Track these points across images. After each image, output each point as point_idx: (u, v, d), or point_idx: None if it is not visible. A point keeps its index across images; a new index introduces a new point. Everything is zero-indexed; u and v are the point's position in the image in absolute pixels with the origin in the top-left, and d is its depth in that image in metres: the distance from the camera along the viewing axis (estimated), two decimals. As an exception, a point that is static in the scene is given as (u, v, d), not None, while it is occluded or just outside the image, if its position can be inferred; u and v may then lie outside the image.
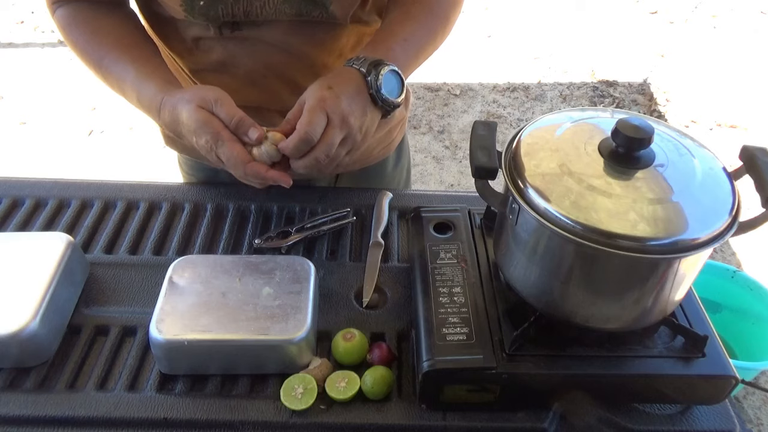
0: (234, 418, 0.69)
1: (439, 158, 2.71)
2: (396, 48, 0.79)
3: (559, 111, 0.73)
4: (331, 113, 0.70)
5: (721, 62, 3.33)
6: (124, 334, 0.78)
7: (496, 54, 3.38)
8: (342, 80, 0.73)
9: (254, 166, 0.72)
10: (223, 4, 0.78)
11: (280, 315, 0.73)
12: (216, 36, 0.83)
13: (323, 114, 0.69)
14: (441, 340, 0.69)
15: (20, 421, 0.69)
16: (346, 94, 0.71)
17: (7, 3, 3.81)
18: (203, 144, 0.72)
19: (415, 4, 0.85)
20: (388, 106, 0.76)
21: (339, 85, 0.72)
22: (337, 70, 0.76)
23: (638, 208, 0.59)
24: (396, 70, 0.76)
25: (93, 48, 0.82)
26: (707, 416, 0.71)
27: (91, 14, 0.83)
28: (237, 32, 0.83)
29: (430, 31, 0.83)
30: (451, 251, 0.80)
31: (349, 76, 0.74)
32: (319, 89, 0.71)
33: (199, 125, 0.71)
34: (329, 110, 0.70)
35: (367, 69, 0.74)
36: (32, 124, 2.90)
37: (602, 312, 0.67)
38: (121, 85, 0.81)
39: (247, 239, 0.91)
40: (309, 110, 0.69)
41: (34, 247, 0.80)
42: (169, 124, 0.76)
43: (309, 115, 0.69)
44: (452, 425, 0.69)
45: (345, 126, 0.71)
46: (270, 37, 0.84)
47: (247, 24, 0.82)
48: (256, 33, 0.83)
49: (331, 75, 0.75)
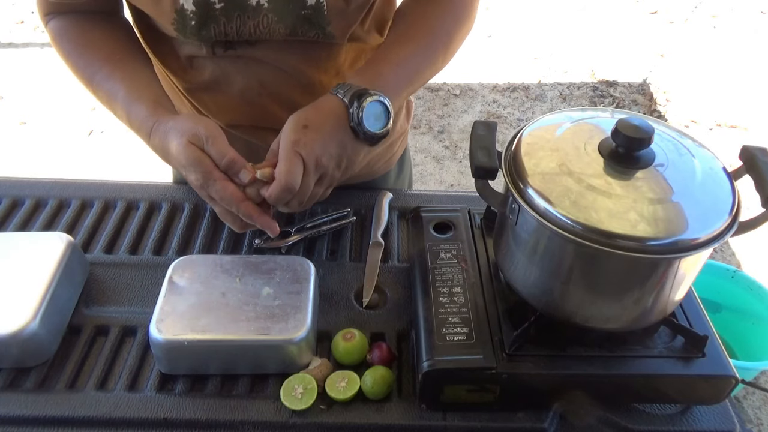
0: (234, 418, 0.69)
1: (439, 158, 2.71)
2: (387, 73, 0.76)
3: (559, 111, 0.73)
4: (306, 157, 0.69)
5: (721, 62, 3.33)
6: (124, 334, 0.78)
7: (496, 54, 3.38)
8: (320, 115, 0.71)
9: (248, 206, 0.71)
10: (215, 24, 0.76)
11: (280, 315, 0.73)
12: (209, 55, 0.81)
13: (299, 158, 0.68)
14: (441, 340, 0.69)
15: (20, 421, 0.69)
16: (321, 131, 0.70)
17: (7, 3, 3.81)
18: (193, 180, 0.71)
19: (416, 24, 0.81)
20: (371, 138, 0.74)
21: (315, 122, 0.70)
22: (319, 102, 0.74)
23: (638, 208, 0.59)
24: (382, 100, 0.72)
25: (85, 63, 0.80)
26: (707, 416, 0.71)
27: (83, 26, 0.82)
28: (230, 51, 0.81)
29: (430, 54, 0.80)
30: (451, 251, 0.80)
31: (330, 109, 0.72)
32: (294, 131, 0.70)
33: (190, 162, 0.69)
34: (303, 154, 0.69)
35: (349, 99, 0.71)
36: (32, 124, 2.91)
37: (602, 312, 0.67)
38: (111, 104, 0.79)
39: (247, 239, 0.91)
40: (285, 157, 0.68)
41: (34, 247, 0.80)
42: (158, 150, 0.74)
43: (286, 163, 0.68)
44: (452, 425, 0.69)
45: (319, 168, 0.70)
46: (264, 56, 0.81)
47: (240, 43, 0.80)
48: (249, 52, 0.81)
49: (311, 108, 0.73)
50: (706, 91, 3.12)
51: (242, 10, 0.74)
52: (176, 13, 0.74)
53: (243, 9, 0.74)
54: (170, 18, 0.75)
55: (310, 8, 0.75)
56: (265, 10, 0.75)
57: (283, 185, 0.68)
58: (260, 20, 0.75)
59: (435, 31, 0.81)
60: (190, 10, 0.74)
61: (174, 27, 0.76)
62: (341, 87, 0.74)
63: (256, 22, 0.76)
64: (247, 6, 0.74)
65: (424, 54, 0.80)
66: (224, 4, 0.74)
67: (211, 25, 0.76)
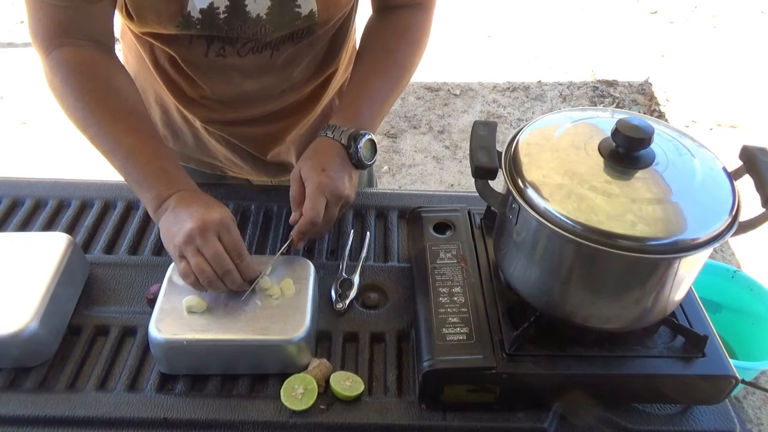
0: (234, 418, 0.69)
1: (439, 158, 2.71)
2: (364, 111, 0.87)
3: (559, 111, 0.73)
4: (329, 195, 0.79)
5: (721, 62, 3.33)
6: (124, 334, 0.78)
7: (496, 54, 3.38)
8: (329, 158, 0.82)
9: None
10: (218, 30, 0.79)
11: (279, 315, 0.73)
12: (201, 55, 0.83)
13: (323, 197, 0.79)
14: (441, 340, 0.69)
15: (20, 421, 0.69)
16: (336, 170, 0.81)
17: (7, 3, 3.81)
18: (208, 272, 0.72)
19: (380, 59, 0.91)
20: (366, 167, 0.87)
21: (329, 165, 0.81)
22: (320, 146, 0.84)
23: (638, 208, 0.59)
24: (370, 137, 0.85)
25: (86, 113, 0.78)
26: (707, 416, 0.71)
27: (103, 72, 0.80)
28: (219, 58, 0.84)
29: (396, 82, 0.91)
30: (451, 251, 0.80)
31: (334, 152, 0.83)
32: (316, 174, 0.79)
33: None
34: (327, 193, 0.79)
35: (347, 142, 0.83)
36: (32, 124, 2.90)
37: (602, 312, 0.67)
38: (110, 156, 0.78)
39: (247, 239, 0.91)
40: (311, 197, 0.78)
41: (34, 247, 0.80)
42: (164, 228, 0.75)
43: (312, 202, 0.78)
44: (452, 425, 0.69)
45: (341, 199, 0.81)
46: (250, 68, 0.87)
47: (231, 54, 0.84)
48: (239, 62, 0.85)
49: (319, 153, 0.83)
50: (706, 91, 3.12)
51: (243, 20, 0.79)
52: (183, 18, 0.77)
53: (244, 20, 0.79)
54: (176, 21, 0.77)
55: (303, 19, 0.82)
56: (263, 21, 0.80)
57: (308, 218, 0.77)
58: (258, 29, 0.81)
59: (398, 62, 0.92)
60: (195, 17, 0.77)
61: (178, 30, 0.78)
62: (331, 129, 0.85)
63: (255, 32, 0.81)
64: (248, 18, 0.79)
65: (391, 84, 0.91)
66: (228, 14, 0.78)
67: (213, 31, 0.80)
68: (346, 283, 0.84)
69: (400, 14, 0.93)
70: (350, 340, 0.78)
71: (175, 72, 0.88)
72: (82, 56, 0.79)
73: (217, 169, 1.07)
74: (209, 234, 0.71)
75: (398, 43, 0.92)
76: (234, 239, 0.73)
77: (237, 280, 0.73)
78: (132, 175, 0.77)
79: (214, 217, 0.72)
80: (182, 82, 0.89)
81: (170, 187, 0.77)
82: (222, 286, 0.72)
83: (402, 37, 0.93)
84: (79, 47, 0.79)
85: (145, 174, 0.77)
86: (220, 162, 1.05)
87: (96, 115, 0.77)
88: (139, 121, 0.80)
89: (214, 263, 0.71)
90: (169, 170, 0.79)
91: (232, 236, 0.73)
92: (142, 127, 0.80)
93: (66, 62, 0.78)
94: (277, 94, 0.93)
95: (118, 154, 0.77)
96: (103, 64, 0.80)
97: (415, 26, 0.94)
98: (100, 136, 0.78)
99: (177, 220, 0.73)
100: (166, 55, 0.86)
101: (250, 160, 1.03)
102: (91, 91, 0.78)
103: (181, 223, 0.72)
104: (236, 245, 0.73)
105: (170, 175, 0.78)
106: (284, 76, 0.91)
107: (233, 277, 0.72)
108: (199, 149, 1.03)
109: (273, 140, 1.00)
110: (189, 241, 0.71)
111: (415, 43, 0.93)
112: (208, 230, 0.71)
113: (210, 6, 0.76)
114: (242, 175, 1.09)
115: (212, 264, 0.71)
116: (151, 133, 0.81)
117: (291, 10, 0.80)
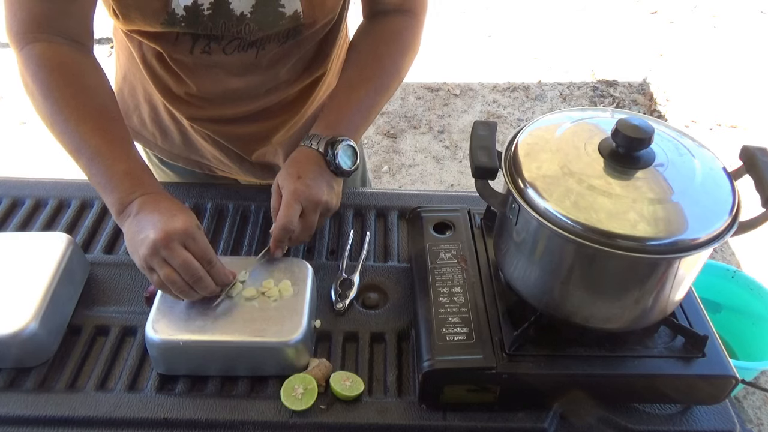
0: (234, 418, 0.69)
1: (439, 158, 2.70)
2: (347, 118, 0.87)
3: (559, 111, 0.73)
4: (305, 202, 0.79)
5: (721, 62, 3.33)
6: (124, 334, 0.78)
7: (496, 54, 3.38)
8: (306, 166, 0.82)
9: None
10: (202, 27, 0.79)
11: (276, 317, 0.73)
12: (186, 52, 0.83)
13: (298, 204, 0.78)
14: (441, 340, 0.69)
15: (20, 421, 0.69)
16: (312, 178, 0.81)
17: (7, 3, 3.81)
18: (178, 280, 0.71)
19: (368, 66, 0.90)
20: (346, 173, 0.85)
21: (305, 172, 0.81)
22: (299, 155, 0.84)
23: (638, 208, 0.59)
24: (349, 143, 0.84)
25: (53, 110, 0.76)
26: (707, 416, 0.71)
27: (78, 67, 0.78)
28: (205, 55, 0.84)
29: (383, 90, 0.91)
30: (451, 251, 0.80)
31: (311, 159, 0.83)
32: (291, 182, 0.80)
33: None
34: (303, 200, 0.79)
35: (324, 149, 0.83)
36: (32, 124, 2.90)
37: (602, 312, 0.67)
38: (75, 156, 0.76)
39: (247, 239, 0.91)
40: (285, 205, 0.79)
41: (34, 247, 0.80)
42: (128, 235, 0.73)
43: (285, 209, 0.78)
44: (452, 425, 0.69)
45: (319, 206, 0.80)
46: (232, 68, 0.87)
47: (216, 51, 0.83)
48: (223, 59, 0.85)
49: (297, 162, 0.83)
50: (706, 91, 3.12)
51: (227, 18, 0.79)
52: (167, 15, 0.76)
53: (228, 18, 0.79)
54: (160, 18, 0.77)
55: (288, 19, 0.82)
56: (247, 20, 0.80)
57: (281, 225, 0.77)
58: (242, 28, 0.81)
59: (386, 69, 0.91)
60: (180, 15, 0.77)
61: (162, 27, 0.78)
62: (311, 138, 0.84)
63: (239, 30, 0.81)
64: (232, 16, 0.79)
65: (378, 91, 0.90)
66: (212, 12, 0.78)
67: (198, 28, 0.80)
68: (346, 283, 0.84)
69: (390, 20, 0.92)
70: (350, 340, 0.78)
71: (162, 68, 0.88)
72: (54, 52, 0.77)
73: (205, 168, 1.07)
74: (173, 244, 0.69)
75: (387, 49, 0.91)
76: (201, 247, 0.71)
77: (210, 285, 0.72)
78: (95, 176, 0.75)
79: (177, 227, 0.69)
80: (168, 78, 0.89)
81: (133, 190, 0.74)
82: (195, 294, 0.71)
83: (391, 43, 0.92)
84: (53, 44, 0.77)
85: (108, 177, 0.74)
86: (207, 161, 1.05)
87: (63, 113, 0.75)
88: (107, 122, 0.77)
89: (184, 272, 0.69)
90: (134, 173, 0.75)
91: (199, 244, 0.71)
92: (110, 127, 0.77)
93: (37, 57, 0.76)
94: (262, 93, 0.93)
95: (83, 155, 0.75)
96: (76, 62, 0.78)
97: (405, 32, 0.93)
98: (66, 134, 0.75)
99: (140, 229, 0.71)
100: (153, 52, 0.86)
101: (237, 160, 1.02)
102: (60, 87, 0.76)
103: (144, 232, 0.70)
104: (204, 252, 0.71)
105: (134, 178, 0.75)
106: (270, 75, 0.90)
107: (205, 283, 0.71)
108: (186, 147, 1.02)
109: (258, 140, 1.00)
110: (154, 254, 0.69)
111: (404, 49, 0.92)
112: (172, 240, 0.69)
113: (194, 3, 0.76)
114: (231, 175, 1.08)
115: (182, 273, 0.69)
116: (120, 134, 0.78)
117: (275, 9, 0.80)
